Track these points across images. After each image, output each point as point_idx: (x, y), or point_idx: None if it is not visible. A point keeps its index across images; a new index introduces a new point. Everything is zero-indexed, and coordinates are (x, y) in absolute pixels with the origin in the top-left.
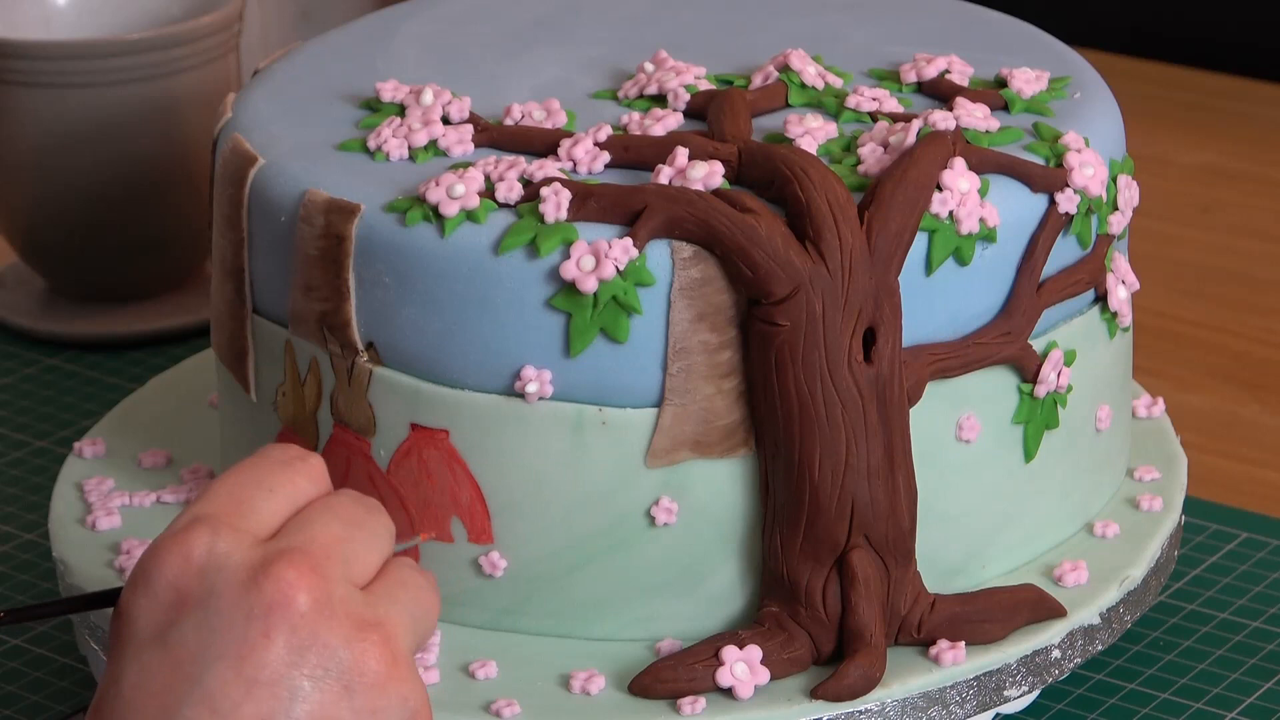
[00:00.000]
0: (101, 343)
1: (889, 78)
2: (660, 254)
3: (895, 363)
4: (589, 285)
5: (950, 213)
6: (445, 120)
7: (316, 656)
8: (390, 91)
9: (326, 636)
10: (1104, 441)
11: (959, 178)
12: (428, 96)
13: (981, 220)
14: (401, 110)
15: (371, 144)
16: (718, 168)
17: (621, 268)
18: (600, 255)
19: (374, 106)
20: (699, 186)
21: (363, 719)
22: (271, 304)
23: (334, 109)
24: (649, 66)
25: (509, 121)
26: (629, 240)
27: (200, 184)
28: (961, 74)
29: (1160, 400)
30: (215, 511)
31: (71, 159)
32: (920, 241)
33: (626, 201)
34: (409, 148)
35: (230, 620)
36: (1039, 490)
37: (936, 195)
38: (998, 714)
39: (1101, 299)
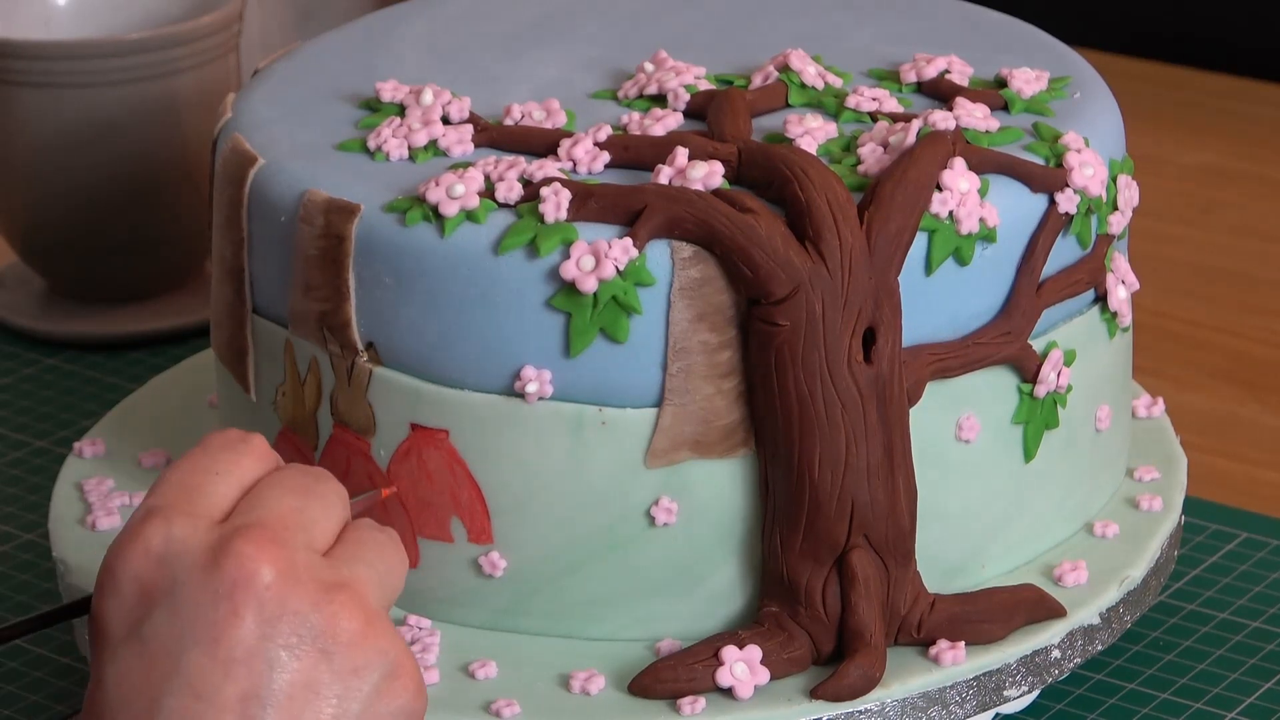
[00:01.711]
0: (101, 343)
1: (889, 78)
2: (660, 254)
3: (895, 363)
4: (589, 285)
5: (950, 213)
6: (445, 120)
7: (288, 626)
8: (390, 91)
9: (295, 604)
10: (1104, 441)
11: (959, 178)
12: (427, 96)
13: (981, 220)
14: (401, 110)
15: (371, 144)
16: (717, 168)
17: (621, 268)
18: (600, 255)
19: (374, 106)
20: (699, 186)
21: (344, 679)
22: (271, 304)
23: (334, 109)
24: (649, 66)
25: (509, 121)
26: (629, 240)
27: (200, 184)
28: (961, 74)
29: (1160, 400)
30: (167, 502)
31: (71, 159)
32: (920, 241)
33: (626, 201)
34: (409, 148)
35: (198, 605)
36: (1039, 490)
37: (936, 195)
38: (997, 714)
39: (1101, 299)
